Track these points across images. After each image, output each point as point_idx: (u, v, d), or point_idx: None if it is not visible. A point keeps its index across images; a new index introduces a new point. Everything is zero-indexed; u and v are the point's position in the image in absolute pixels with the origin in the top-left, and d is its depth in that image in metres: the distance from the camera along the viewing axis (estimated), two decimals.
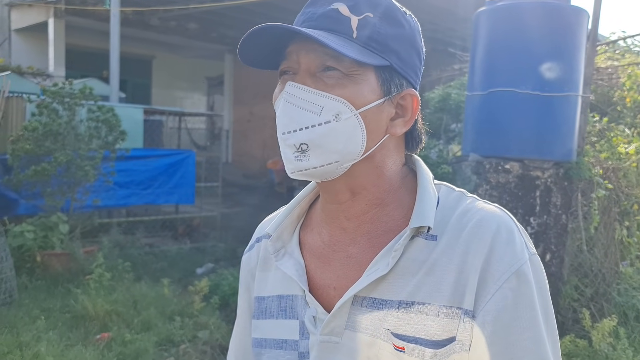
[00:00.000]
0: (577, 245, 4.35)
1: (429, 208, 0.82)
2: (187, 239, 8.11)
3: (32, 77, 10.58)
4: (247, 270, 1.02)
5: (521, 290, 0.76)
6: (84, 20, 11.35)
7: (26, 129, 6.21)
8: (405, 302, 0.79)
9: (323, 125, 0.79)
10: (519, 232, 0.81)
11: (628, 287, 4.39)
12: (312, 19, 0.82)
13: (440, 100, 5.72)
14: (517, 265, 0.77)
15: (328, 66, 0.80)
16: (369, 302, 0.82)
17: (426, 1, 8.42)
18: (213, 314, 4.79)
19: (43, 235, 5.83)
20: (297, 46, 0.81)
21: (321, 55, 0.79)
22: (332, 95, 0.79)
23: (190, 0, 10.22)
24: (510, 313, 0.76)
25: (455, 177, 4.38)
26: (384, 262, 0.81)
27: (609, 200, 4.49)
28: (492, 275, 0.77)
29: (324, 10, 0.81)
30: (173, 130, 12.10)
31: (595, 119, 5.27)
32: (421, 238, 0.82)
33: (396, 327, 0.79)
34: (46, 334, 4.21)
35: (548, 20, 4.09)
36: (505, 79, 4.08)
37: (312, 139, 0.79)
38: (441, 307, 0.78)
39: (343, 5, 0.81)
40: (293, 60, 0.82)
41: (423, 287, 0.79)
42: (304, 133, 0.79)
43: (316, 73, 0.80)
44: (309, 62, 0.80)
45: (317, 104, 0.79)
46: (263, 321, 0.95)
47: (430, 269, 0.80)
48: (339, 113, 0.79)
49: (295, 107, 0.79)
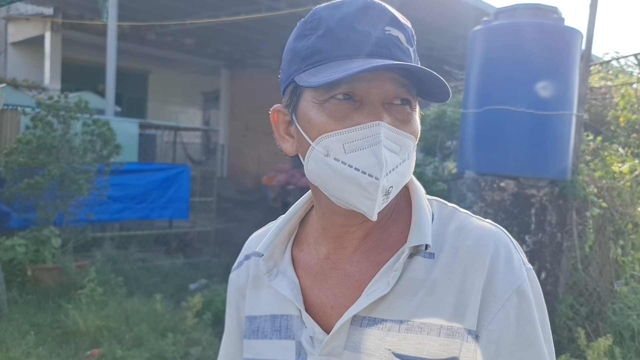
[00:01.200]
0: (572, 263, 4.35)
1: (426, 225, 0.81)
2: (181, 254, 8.05)
3: (28, 90, 10.59)
4: (235, 288, 1.00)
5: (522, 308, 0.77)
6: (81, 34, 11.41)
7: (20, 142, 6.18)
8: (407, 322, 0.79)
9: (401, 164, 0.78)
10: (516, 249, 0.82)
11: (623, 306, 4.38)
12: (381, 45, 0.76)
13: (435, 118, 5.74)
14: (517, 284, 0.77)
15: (404, 98, 0.78)
16: (369, 322, 0.81)
17: (422, 19, 8.50)
18: (206, 331, 4.74)
19: (35, 249, 5.78)
20: (370, 73, 0.75)
21: (398, 86, 0.77)
22: (408, 134, 0.78)
23: (187, 16, 10.30)
24: (513, 331, 0.76)
25: (451, 195, 4.38)
26: (384, 281, 0.80)
27: (603, 219, 4.50)
28: (494, 295, 0.77)
29: (386, 36, 0.77)
30: (168, 144, 12.10)
31: (590, 138, 5.30)
32: (420, 256, 0.81)
33: (397, 347, 0.78)
34: (36, 350, 4.15)
35: (543, 40, 4.14)
36: (500, 97, 4.11)
37: (395, 179, 0.77)
38: (442, 327, 0.77)
39: (400, 33, 0.78)
40: (363, 88, 0.76)
41: (424, 307, 0.79)
42: (392, 175, 0.76)
43: (384, 104, 0.77)
44: (384, 93, 0.76)
45: (399, 144, 0.77)
46: (255, 341, 0.92)
47: (431, 289, 0.79)
48: (411, 150, 0.79)
49: (386, 150, 0.75)
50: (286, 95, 0.84)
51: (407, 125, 0.78)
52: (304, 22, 0.82)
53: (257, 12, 9.52)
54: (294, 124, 0.83)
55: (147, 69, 14.84)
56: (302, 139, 0.81)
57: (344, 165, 0.75)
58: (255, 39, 12.10)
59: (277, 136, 0.88)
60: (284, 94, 0.85)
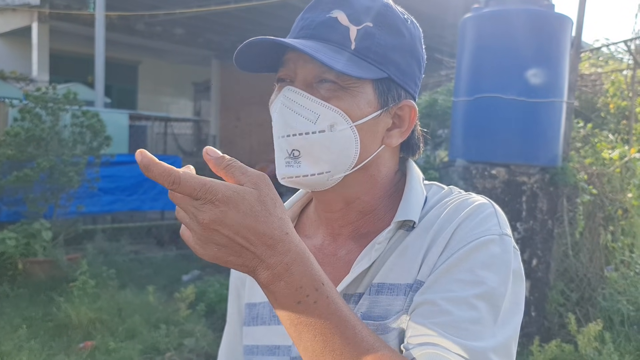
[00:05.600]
0: (563, 250, 4.38)
1: (414, 204, 0.82)
2: (173, 246, 8.04)
3: (15, 82, 10.46)
4: (236, 276, 1.01)
5: (476, 257, 0.74)
6: (69, 24, 11.26)
7: (8, 134, 6.12)
8: (377, 284, 0.80)
9: (317, 133, 0.77)
10: (497, 215, 0.80)
11: (613, 291, 4.43)
12: (309, 27, 0.80)
13: (427, 106, 5.74)
14: (482, 236, 0.75)
15: (324, 78, 0.78)
16: (356, 298, 0.82)
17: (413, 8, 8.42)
18: (199, 322, 4.74)
19: (25, 242, 5.74)
20: (294, 55, 0.80)
21: (317, 66, 0.78)
22: (329, 105, 0.78)
23: (176, 5, 10.19)
24: (454, 270, 0.74)
25: (442, 183, 4.37)
26: (367, 257, 0.81)
27: (593, 205, 4.53)
28: (452, 243, 0.76)
29: (322, 18, 0.80)
30: (159, 135, 12.03)
31: (580, 125, 5.32)
32: (402, 230, 0.82)
33: (368, 309, 0.79)
34: (28, 343, 4.13)
35: (533, 27, 4.13)
36: (491, 85, 4.11)
37: (304, 146, 0.78)
38: (408, 285, 0.78)
39: (342, 14, 0.79)
40: (290, 68, 0.81)
41: (394, 268, 0.79)
42: (297, 139, 0.78)
43: (312, 84, 0.79)
44: (305, 72, 0.80)
45: (314, 111, 0.78)
46: (254, 328, 0.94)
47: (402, 252, 0.80)
48: (335, 124, 0.78)
49: (291, 111, 0.78)
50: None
51: (329, 100, 0.78)
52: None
53: (246, 1, 9.43)
54: None
55: (136, 60, 14.70)
56: None
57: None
58: (246, 29, 12.01)
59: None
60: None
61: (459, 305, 0.70)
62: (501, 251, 0.76)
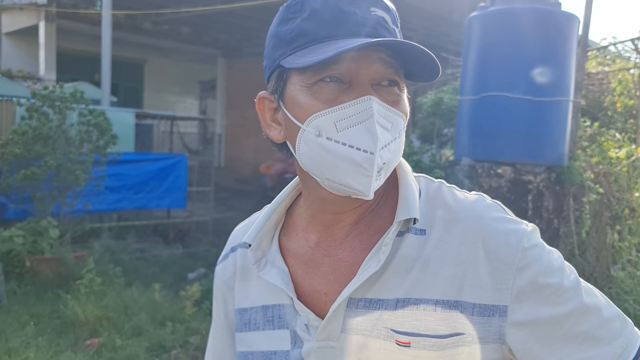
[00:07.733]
0: (569, 249, 4.36)
1: (413, 200, 0.81)
2: (179, 244, 8.06)
3: (23, 81, 10.52)
4: (222, 281, 0.97)
5: (539, 263, 0.77)
6: (76, 23, 11.31)
7: (16, 133, 6.16)
8: (402, 299, 0.78)
9: (392, 142, 0.76)
10: (505, 212, 0.82)
11: (620, 291, 4.41)
12: (367, 25, 0.75)
13: (432, 105, 5.73)
14: (521, 242, 0.77)
15: (392, 80, 0.77)
16: (365, 303, 0.80)
17: (419, 6, 8.44)
18: (205, 319, 4.75)
19: (32, 240, 5.77)
20: (358, 54, 0.74)
21: (387, 67, 0.76)
22: (398, 112, 0.77)
23: (182, 4, 10.22)
24: (544, 290, 0.77)
25: (448, 182, 4.36)
26: (375, 259, 0.79)
27: (600, 204, 4.51)
28: (500, 260, 0.77)
29: (375, 17, 0.76)
30: (165, 134, 12.07)
31: (587, 124, 5.30)
32: (410, 234, 0.81)
33: (395, 324, 0.78)
34: (35, 340, 4.16)
35: (539, 25, 4.11)
36: (497, 84, 4.09)
37: (388, 157, 0.76)
38: (438, 301, 0.77)
39: (385, 14, 0.77)
40: (350, 68, 0.74)
41: (418, 283, 0.78)
42: (384, 152, 0.75)
43: (373, 85, 0.76)
44: (373, 73, 0.75)
45: (390, 121, 0.76)
46: (248, 334, 0.91)
47: (425, 265, 0.79)
48: (401, 129, 0.78)
49: (379, 125, 0.74)
50: (271, 82, 0.83)
51: (397, 106, 0.77)
52: (287, 5, 0.81)
53: (252, 0, 9.44)
54: (280, 110, 0.81)
55: (143, 58, 14.75)
56: (290, 124, 0.79)
57: (337, 144, 0.74)
58: (252, 27, 12.02)
59: (263, 124, 0.86)
60: (269, 81, 0.84)
61: (588, 317, 0.80)
62: (540, 242, 0.80)
